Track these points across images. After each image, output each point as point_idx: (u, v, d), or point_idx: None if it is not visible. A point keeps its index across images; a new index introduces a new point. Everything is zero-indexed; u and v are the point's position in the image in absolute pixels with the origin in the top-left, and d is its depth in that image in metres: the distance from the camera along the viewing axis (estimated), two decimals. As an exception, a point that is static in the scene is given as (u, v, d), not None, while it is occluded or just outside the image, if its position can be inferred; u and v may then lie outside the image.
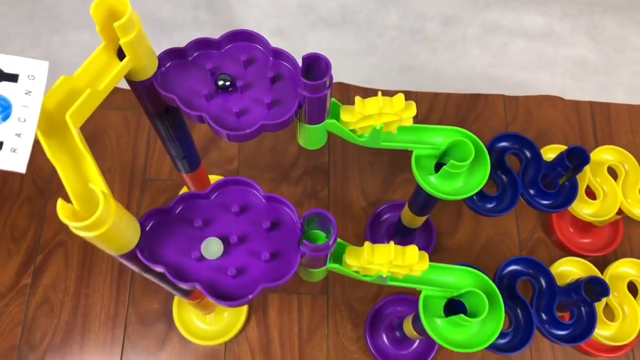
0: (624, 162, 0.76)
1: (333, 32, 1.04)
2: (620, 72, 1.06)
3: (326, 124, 0.55)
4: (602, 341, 0.68)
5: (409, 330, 0.74)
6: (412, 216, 0.78)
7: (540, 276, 0.64)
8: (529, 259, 0.64)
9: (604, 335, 0.68)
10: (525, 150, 0.69)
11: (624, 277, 0.70)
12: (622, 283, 0.70)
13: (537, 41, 1.06)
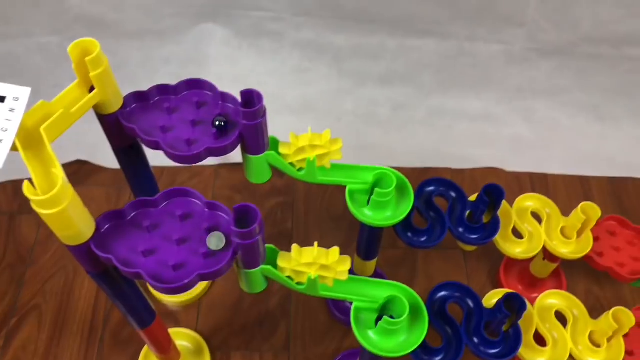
0: (545, 207, 0.85)
1: (296, 118, 1.17)
2: (554, 148, 1.18)
3: (267, 156, 0.65)
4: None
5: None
6: (361, 262, 0.85)
7: (468, 299, 0.70)
8: (457, 284, 0.70)
9: (540, 362, 0.72)
10: (451, 192, 0.79)
11: (551, 308, 0.76)
12: (550, 313, 0.75)
13: (478, 122, 1.20)
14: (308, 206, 1.10)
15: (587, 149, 1.18)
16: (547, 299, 0.76)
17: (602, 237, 0.89)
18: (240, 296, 0.99)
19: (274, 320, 0.97)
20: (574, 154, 1.18)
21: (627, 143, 1.19)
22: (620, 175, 1.15)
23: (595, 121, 1.20)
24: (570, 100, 1.18)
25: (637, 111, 1.18)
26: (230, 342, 0.94)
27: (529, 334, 0.73)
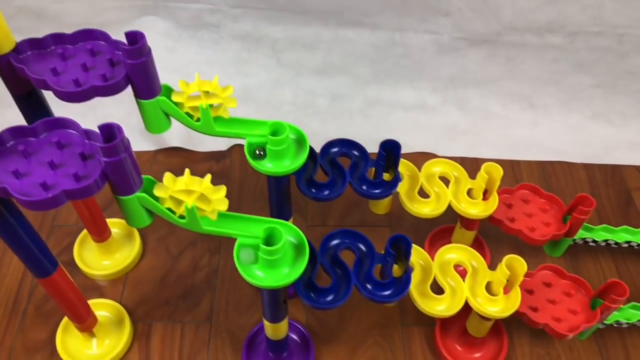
0: (453, 171, 0.87)
1: (236, 108, 1.20)
2: (486, 135, 1.21)
3: (158, 101, 0.68)
4: (438, 314, 0.72)
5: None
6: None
7: (360, 244, 0.71)
8: (350, 231, 0.72)
9: (439, 309, 0.73)
10: (354, 151, 0.81)
11: (451, 261, 0.77)
12: (449, 265, 0.76)
13: (413, 111, 1.24)
14: (241, 191, 1.12)
15: (519, 135, 1.22)
16: (447, 252, 0.78)
17: (515, 204, 0.91)
18: (167, 271, 1.00)
19: (199, 293, 0.97)
20: (506, 140, 1.21)
21: (556, 130, 1.22)
22: (549, 159, 1.18)
23: (527, 109, 1.23)
24: (502, 89, 1.22)
25: (565, 99, 1.22)
26: (153, 314, 0.95)
27: (427, 285, 0.74)
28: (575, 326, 0.78)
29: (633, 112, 1.22)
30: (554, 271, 0.83)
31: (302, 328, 0.91)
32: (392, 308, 0.95)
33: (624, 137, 1.21)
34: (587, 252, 1.03)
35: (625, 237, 0.93)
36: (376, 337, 0.93)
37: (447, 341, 0.90)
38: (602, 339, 0.92)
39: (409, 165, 0.86)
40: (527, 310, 0.79)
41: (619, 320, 0.84)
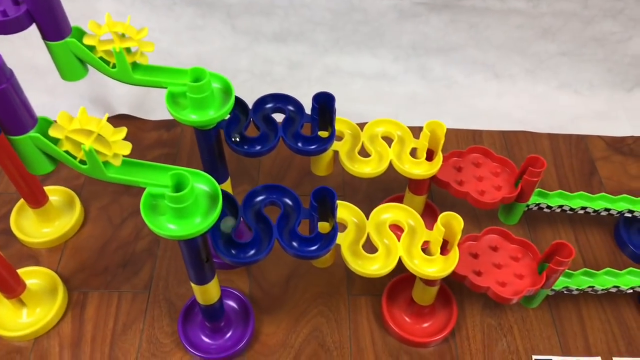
0: (396, 131, 0.83)
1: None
2: (449, 104, 1.17)
3: (68, 43, 0.63)
4: (371, 273, 0.68)
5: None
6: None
7: (287, 199, 0.67)
8: (276, 186, 0.68)
9: (372, 269, 0.69)
10: (289, 106, 0.77)
11: (386, 220, 0.73)
12: (385, 225, 0.72)
13: (374, 81, 1.19)
14: (191, 160, 1.08)
15: (483, 105, 1.17)
16: (383, 211, 0.74)
17: (465, 167, 0.87)
18: (108, 240, 0.96)
19: (139, 262, 0.93)
20: (469, 110, 1.17)
21: (522, 100, 1.18)
22: (513, 129, 1.14)
23: (491, 79, 1.19)
24: (465, 57, 1.18)
25: (531, 68, 1.18)
26: (90, 282, 0.91)
27: (359, 244, 0.70)
28: (520, 290, 0.74)
29: (600, 82, 1.18)
30: (502, 235, 0.79)
31: (243, 297, 0.87)
32: (339, 278, 0.92)
33: (591, 107, 1.17)
34: (546, 222, 0.99)
35: (581, 203, 0.89)
36: (321, 307, 0.89)
37: (394, 311, 0.86)
38: (556, 309, 0.88)
39: (351, 124, 0.82)
40: (470, 274, 0.75)
41: (569, 287, 0.80)
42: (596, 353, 0.84)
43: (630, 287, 0.81)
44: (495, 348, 0.85)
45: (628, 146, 1.11)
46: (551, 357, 0.84)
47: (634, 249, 0.94)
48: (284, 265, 0.94)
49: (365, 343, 0.85)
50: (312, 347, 0.84)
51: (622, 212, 0.89)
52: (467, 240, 0.79)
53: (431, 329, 0.84)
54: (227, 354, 0.82)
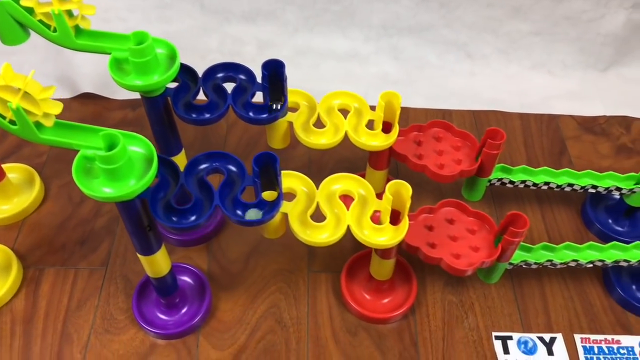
0: (354, 103, 0.81)
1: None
2: (420, 85, 1.16)
3: (3, 5, 0.62)
4: (319, 242, 0.67)
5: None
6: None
7: (231, 165, 0.66)
8: (220, 153, 0.66)
9: (322, 237, 0.68)
10: (241, 75, 0.76)
11: (336, 191, 0.71)
12: (335, 195, 0.71)
13: (344, 61, 1.18)
14: (158, 137, 1.07)
15: (455, 86, 1.16)
16: (334, 181, 0.72)
17: (426, 141, 0.85)
18: (67, 217, 0.94)
19: (97, 239, 0.92)
20: (440, 90, 1.15)
21: (494, 80, 1.16)
22: (484, 109, 1.12)
23: (464, 59, 1.18)
24: (437, 37, 1.16)
25: (503, 48, 1.16)
26: (47, 259, 0.89)
27: (307, 214, 0.68)
28: (473, 262, 0.73)
29: (573, 62, 1.16)
30: (458, 207, 0.78)
31: (200, 273, 0.86)
32: (300, 255, 0.90)
33: (564, 87, 1.16)
34: (512, 199, 0.98)
35: (545, 178, 0.87)
36: (280, 284, 0.87)
37: (353, 287, 0.85)
38: (519, 287, 0.87)
39: (308, 96, 0.81)
40: (423, 246, 0.73)
41: (527, 261, 0.79)
42: (557, 330, 0.83)
43: (589, 262, 0.79)
44: (455, 325, 0.83)
45: (600, 126, 1.10)
46: (511, 333, 0.82)
47: (601, 227, 0.92)
48: (244, 242, 0.92)
49: (323, 319, 0.84)
50: (269, 324, 0.83)
51: (585, 188, 0.87)
52: (422, 213, 0.77)
53: (390, 305, 0.83)
54: (180, 329, 0.80)
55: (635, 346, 0.81)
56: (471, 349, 0.81)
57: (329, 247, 0.93)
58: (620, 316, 0.84)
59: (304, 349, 0.81)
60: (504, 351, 0.80)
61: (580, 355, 0.80)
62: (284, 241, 0.92)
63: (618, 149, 1.06)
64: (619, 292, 0.84)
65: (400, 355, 0.80)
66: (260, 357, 0.80)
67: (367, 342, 0.81)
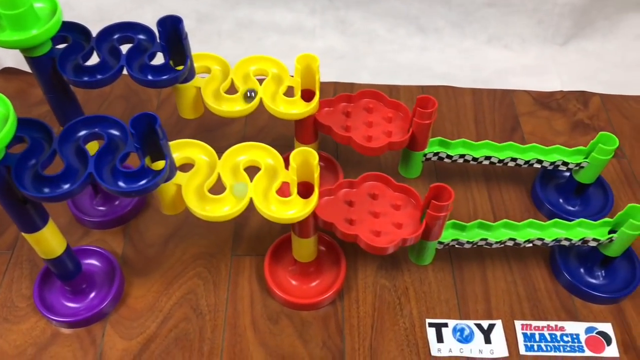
0: (272, 68, 0.75)
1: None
2: (367, 59, 1.09)
3: None
4: (219, 216, 0.60)
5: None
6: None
7: (114, 130, 0.59)
8: (102, 117, 0.59)
9: (224, 210, 0.61)
10: (140, 35, 0.69)
11: (242, 162, 0.64)
12: (239, 166, 0.64)
13: (289, 35, 1.11)
14: (84, 114, 1.00)
15: (405, 60, 1.09)
16: (240, 151, 0.65)
17: (355, 112, 0.79)
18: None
19: (5, 223, 0.85)
20: (388, 65, 1.08)
21: (447, 54, 1.10)
22: (434, 84, 1.06)
23: (415, 33, 1.11)
24: (387, 10, 1.09)
25: (458, 21, 1.09)
26: (-52, 244, 0.82)
27: (204, 187, 0.61)
28: (394, 240, 0.66)
29: (531, 36, 1.10)
30: (383, 182, 0.71)
31: (111, 257, 0.79)
32: (224, 238, 0.83)
33: (521, 61, 1.09)
34: (458, 178, 0.91)
35: (486, 152, 0.80)
36: (199, 269, 0.80)
37: (277, 272, 0.78)
38: (459, 271, 0.80)
39: (221, 60, 0.74)
40: (340, 222, 0.66)
41: (459, 240, 0.72)
42: (498, 316, 0.76)
43: (528, 241, 0.72)
44: (387, 311, 0.76)
45: (556, 101, 1.03)
46: (447, 320, 0.75)
47: (551, 207, 0.85)
48: (165, 225, 0.85)
49: (243, 306, 0.77)
50: (183, 311, 0.76)
51: (530, 163, 0.80)
52: (343, 187, 0.70)
53: (315, 290, 0.76)
54: (84, 317, 0.73)
55: (581, 333, 0.74)
56: (402, 337, 0.74)
57: (257, 228, 0.87)
58: (566, 301, 0.78)
59: (219, 338, 0.74)
60: (438, 339, 0.74)
61: (519, 343, 0.73)
62: (208, 223, 0.86)
63: (574, 125, 0.99)
64: (566, 276, 0.77)
65: (324, 344, 0.73)
66: (171, 346, 0.73)
67: (289, 330, 0.75)
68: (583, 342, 0.74)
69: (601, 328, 0.75)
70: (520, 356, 0.73)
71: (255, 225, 0.85)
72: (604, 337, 0.74)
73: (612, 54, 1.09)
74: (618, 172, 0.92)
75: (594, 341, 0.74)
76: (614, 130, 0.98)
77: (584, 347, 0.73)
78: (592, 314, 0.76)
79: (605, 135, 0.77)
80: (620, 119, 1.00)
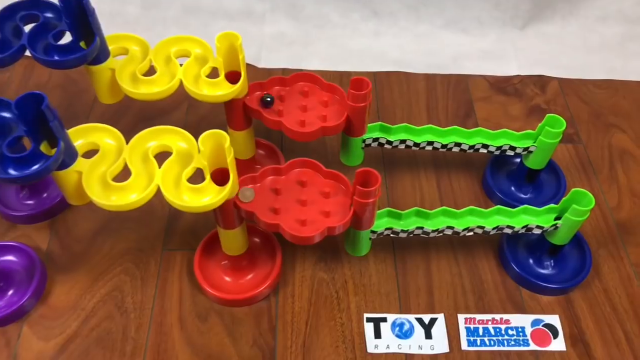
0: (196, 48, 0.70)
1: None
2: (318, 45, 1.04)
3: None
4: (122, 204, 0.55)
5: None
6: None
7: (3, 112, 0.54)
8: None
9: (131, 198, 0.56)
10: (48, 13, 0.64)
11: (151, 149, 0.60)
12: (149, 150, 0.59)
13: (238, 21, 1.06)
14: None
15: (358, 46, 1.05)
16: (151, 135, 0.60)
17: (290, 96, 0.74)
18: None
19: None
20: (340, 51, 1.04)
21: (401, 39, 1.05)
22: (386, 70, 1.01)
23: (370, 18, 1.06)
24: (340, -7, 1.05)
25: (413, 5, 1.05)
26: None
27: (109, 173, 0.57)
28: (319, 229, 0.61)
29: (489, 19, 1.05)
30: (313, 168, 0.67)
31: (31, 252, 0.74)
32: (156, 233, 0.79)
33: (478, 46, 1.05)
34: (406, 167, 0.87)
35: (429, 137, 0.76)
36: (127, 264, 0.76)
37: (209, 266, 0.73)
38: (402, 263, 0.76)
39: (140, 40, 0.69)
40: (261, 211, 0.62)
41: (393, 229, 0.68)
42: (440, 310, 0.72)
43: (467, 229, 0.68)
44: (323, 306, 0.72)
45: (513, 86, 0.99)
46: (386, 315, 0.71)
47: (503, 196, 0.81)
48: (94, 219, 0.80)
49: (172, 303, 0.72)
50: (107, 309, 0.72)
51: (475, 148, 0.76)
52: (269, 175, 0.66)
53: (247, 285, 0.72)
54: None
55: (527, 326, 0.70)
56: (337, 334, 0.70)
57: (192, 221, 0.82)
58: (513, 293, 0.74)
59: (143, 337, 0.69)
60: (375, 335, 0.69)
61: (462, 338, 0.69)
62: (141, 217, 0.81)
63: (530, 111, 0.95)
64: (513, 267, 0.73)
65: (254, 342, 0.69)
66: (91, 347, 0.68)
67: (218, 327, 0.70)
68: (528, 335, 0.70)
69: (548, 320, 0.71)
70: (461, 352, 0.68)
71: (190, 217, 0.81)
72: (551, 330, 0.70)
73: (572, 37, 1.05)
74: (573, 157, 0.88)
75: (540, 334, 0.70)
76: (571, 114, 0.95)
77: (529, 340, 0.69)
78: (540, 306, 0.72)
79: (552, 118, 0.73)
80: (578, 103, 0.96)
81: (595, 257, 0.77)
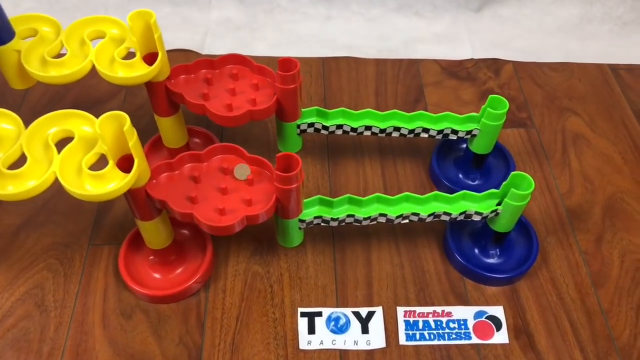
0: (112, 29, 0.66)
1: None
2: (265, 30, 1.00)
3: None
4: (25, 191, 0.51)
5: None
6: None
7: None
8: None
9: (29, 185, 0.51)
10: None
11: (44, 137, 0.55)
12: (49, 136, 0.55)
13: (182, 6, 1.02)
14: None
15: (307, 31, 1.01)
16: (54, 120, 0.55)
17: (218, 80, 0.70)
18: None
19: None
20: (287, 36, 1.00)
21: (352, 24, 1.01)
22: (335, 55, 0.97)
23: (320, 1, 1.02)
24: (288, -23, 1.01)
25: (365, -13, 1.01)
26: None
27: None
28: (240, 217, 0.57)
29: (443, 2, 1.02)
30: (235, 154, 0.63)
31: (-55, 249, 0.70)
32: (83, 227, 0.74)
33: (432, 29, 1.01)
34: (350, 154, 0.83)
35: (366, 122, 0.72)
36: (51, 260, 0.72)
37: (135, 261, 0.69)
38: (341, 254, 0.72)
39: (52, 21, 0.65)
40: (174, 200, 0.58)
41: (323, 217, 0.64)
42: (379, 303, 0.68)
43: (401, 216, 0.65)
44: (256, 301, 0.68)
45: (466, 70, 0.95)
46: (322, 309, 0.67)
47: (450, 184, 0.77)
48: (18, 213, 0.76)
49: (95, 300, 0.68)
50: (26, 308, 0.67)
51: (416, 132, 0.73)
52: (188, 161, 0.62)
53: (174, 280, 0.68)
54: None
55: (469, 318, 0.67)
56: (269, 330, 0.66)
57: (122, 214, 0.78)
58: (456, 284, 0.70)
59: (62, 336, 0.65)
60: (309, 330, 0.66)
61: (400, 332, 0.66)
62: (67, 211, 0.77)
63: (482, 95, 0.92)
64: (456, 256, 0.70)
65: (180, 341, 0.65)
66: (5, 349, 0.64)
67: (143, 325, 0.66)
68: (471, 328, 0.66)
69: (492, 312, 0.67)
70: (399, 347, 0.65)
71: (121, 210, 0.76)
72: (494, 322, 0.67)
73: (528, 19, 1.02)
74: (525, 142, 0.85)
75: (482, 327, 0.66)
76: (525, 98, 0.91)
77: (471, 333, 0.66)
78: (484, 297, 0.69)
79: (495, 99, 0.70)
80: (532, 86, 0.93)
81: (544, 245, 0.74)
